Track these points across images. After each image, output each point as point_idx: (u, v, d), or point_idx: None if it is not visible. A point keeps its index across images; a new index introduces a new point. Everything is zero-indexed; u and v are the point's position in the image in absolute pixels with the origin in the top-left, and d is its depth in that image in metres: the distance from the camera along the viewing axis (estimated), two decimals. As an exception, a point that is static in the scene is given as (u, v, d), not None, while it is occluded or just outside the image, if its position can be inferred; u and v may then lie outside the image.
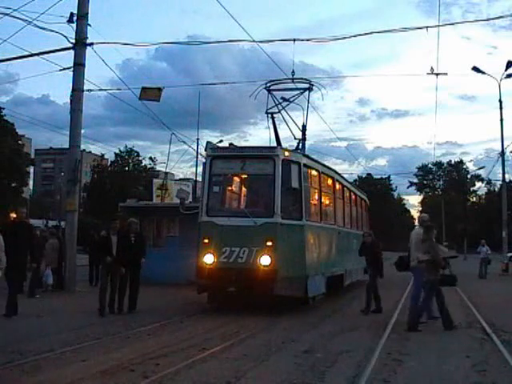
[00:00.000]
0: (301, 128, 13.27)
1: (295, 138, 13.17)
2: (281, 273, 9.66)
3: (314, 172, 11.51)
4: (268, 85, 12.46)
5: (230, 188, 11.26)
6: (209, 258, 9.90)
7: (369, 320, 9.29)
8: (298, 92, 12.82)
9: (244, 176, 10.82)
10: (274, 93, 12.54)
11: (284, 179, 10.03)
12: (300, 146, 13.16)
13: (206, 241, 10.06)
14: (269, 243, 9.66)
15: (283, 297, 9.90)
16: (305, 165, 10.79)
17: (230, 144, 12.15)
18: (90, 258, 16.89)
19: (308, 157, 11.60)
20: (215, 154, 10.70)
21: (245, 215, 9.83)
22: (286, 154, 10.36)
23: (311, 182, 11.34)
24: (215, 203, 10.75)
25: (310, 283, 10.37)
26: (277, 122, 12.53)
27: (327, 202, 12.63)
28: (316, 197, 11.66)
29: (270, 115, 12.34)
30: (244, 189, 10.99)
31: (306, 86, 12.78)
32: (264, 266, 9.60)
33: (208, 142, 11.10)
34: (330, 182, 12.98)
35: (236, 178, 10.98)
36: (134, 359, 5.97)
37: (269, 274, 9.54)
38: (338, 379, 5.37)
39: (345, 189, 14.84)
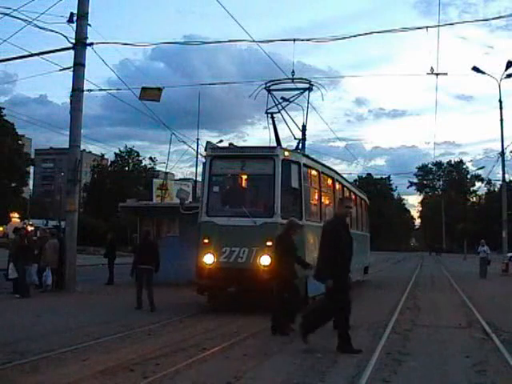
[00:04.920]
0: (300, 128, 13.27)
1: (295, 138, 13.20)
2: None
3: (313, 172, 11.51)
4: (268, 85, 12.47)
5: (229, 188, 11.23)
6: (209, 258, 9.90)
7: (369, 320, 9.29)
8: (297, 92, 12.82)
9: (244, 176, 10.80)
10: (274, 93, 12.55)
11: (284, 179, 10.03)
12: (300, 146, 13.16)
13: (206, 241, 10.05)
14: (269, 243, 9.59)
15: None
16: (305, 165, 10.78)
17: (230, 144, 12.16)
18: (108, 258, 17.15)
19: (308, 157, 11.60)
20: (215, 154, 10.69)
21: (245, 215, 9.80)
22: (286, 153, 10.35)
23: (311, 181, 11.33)
24: (215, 203, 10.72)
25: (310, 283, 10.26)
26: (276, 122, 12.55)
27: (327, 201, 12.61)
28: (316, 197, 11.66)
29: (269, 115, 12.34)
30: (244, 189, 10.96)
31: (306, 85, 12.79)
32: (264, 266, 9.59)
33: (208, 142, 11.09)
34: (329, 181, 12.99)
35: (236, 178, 10.96)
36: (134, 359, 5.97)
37: (269, 274, 9.53)
38: (338, 379, 5.36)
39: (345, 189, 14.84)
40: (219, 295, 10.70)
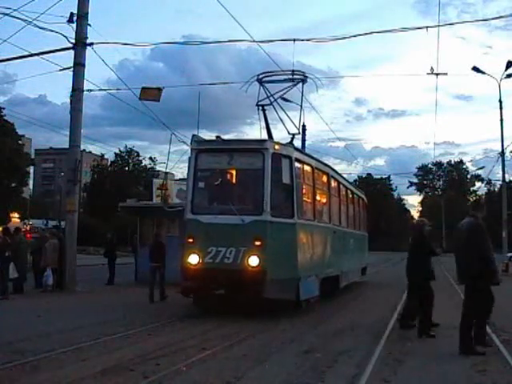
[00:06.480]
0: (297, 125, 12.95)
1: (289, 133, 12.69)
2: (270, 274, 9.11)
3: (306, 167, 10.96)
4: (260, 76, 11.63)
5: (216, 184, 10.45)
6: (193, 259, 9.39)
7: (369, 320, 9.29)
8: (291, 84, 11.86)
9: (231, 171, 10.19)
10: (266, 85, 11.69)
11: (274, 174, 9.48)
12: (292, 142, 12.69)
13: (191, 240, 9.52)
14: (257, 243, 9.15)
15: (273, 300, 9.34)
16: (297, 159, 10.22)
17: (217, 137, 11.09)
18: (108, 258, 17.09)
19: (300, 151, 11.10)
20: (201, 148, 10.11)
21: (232, 213, 9.29)
22: (276, 147, 9.76)
23: (304, 177, 10.79)
24: (200, 200, 10.20)
25: (303, 285, 9.86)
26: (271, 120, 12.10)
27: (321, 199, 12.06)
28: (309, 194, 11.10)
29: (260, 107, 11.59)
30: (231, 185, 10.31)
31: (300, 77, 11.90)
32: (252, 267, 9.11)
33: (194, 135, 10.37)
34: (324, 178, 12.42)
35: (223, 173, 10.22)
36: (134, 359, 5.97)
37: (257, 275, 9.04)
38: (338, 379, 5.36)
39: (341, 186, 14.31)
40: (207, 297, 10.20)
